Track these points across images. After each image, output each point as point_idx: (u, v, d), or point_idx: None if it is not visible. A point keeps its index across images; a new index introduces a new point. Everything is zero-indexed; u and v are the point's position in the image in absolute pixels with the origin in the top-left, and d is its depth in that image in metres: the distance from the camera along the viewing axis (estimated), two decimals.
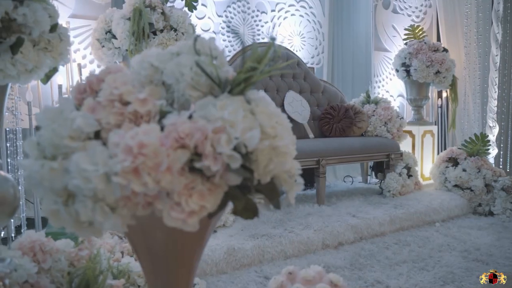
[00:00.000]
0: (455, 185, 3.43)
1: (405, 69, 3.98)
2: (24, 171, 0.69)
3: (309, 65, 4.03)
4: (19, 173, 2.29)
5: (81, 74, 2.74)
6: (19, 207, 1.28)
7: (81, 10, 2.96)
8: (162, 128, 0.66)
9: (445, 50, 3.99)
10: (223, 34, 3.68)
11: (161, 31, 2.54)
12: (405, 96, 4.43)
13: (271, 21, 3.95)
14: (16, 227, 2.26)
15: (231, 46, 3.73)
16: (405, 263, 2.21)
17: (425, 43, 3.94)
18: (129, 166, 0.61)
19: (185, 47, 0.77)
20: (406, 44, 4.10)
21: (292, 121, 3.25)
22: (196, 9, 2.87)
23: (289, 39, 4.04)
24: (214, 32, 3.62)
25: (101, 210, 0.63)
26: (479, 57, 4.56)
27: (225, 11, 3.70)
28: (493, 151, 4.33)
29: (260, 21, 3.89)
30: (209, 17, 3.62)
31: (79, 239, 1.40)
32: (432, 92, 4.63)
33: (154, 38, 2.50)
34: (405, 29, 4.27)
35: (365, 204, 3.03)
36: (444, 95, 4.65)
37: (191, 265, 0.83)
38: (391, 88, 4.79)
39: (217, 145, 0.64)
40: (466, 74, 4.56)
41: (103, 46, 2.64)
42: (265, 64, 0.73)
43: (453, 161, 3.56)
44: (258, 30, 3.87)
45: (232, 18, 3.73)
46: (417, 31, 4.16)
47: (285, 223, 2.50)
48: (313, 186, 3.41)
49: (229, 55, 3.70)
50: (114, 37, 2.59)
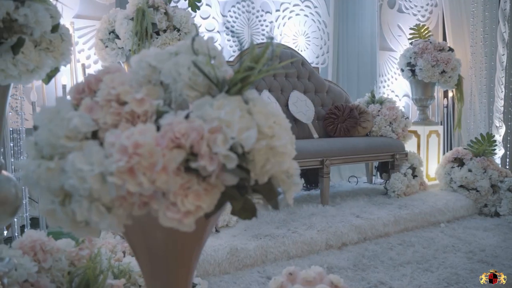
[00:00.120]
0: (461, 186, 3.40)
1: (410, 68, 3.95)
2: (21, 171, 0.70)
3: (314, 65, 4.02)
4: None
5: (85, 75, 2.75)
6: (21, 206, 1.29)
7: (86, 10, 2.97)
8: (159, 128, 0.66)
9: (450, 49, 3.96)
10: (227, 34, 3.68)
11: (164, 31, 2.54)
12: (410, 96, 4.40)
13: (275, 21, 3.94)
14: (21, 226, 2.28)
15: (235, 46, 3.73)
16: (409, 264, 2.20)
17: (430, 42, 3.91)
18: (124, 166, 0.61)
19: (183, 46, 0.77)
20: (411, 43, 4.07)
21: (296, 121, 3.31)
22: (199, 9, 2.87)
23: (293, 39, 4.04)
24: (218, 32, 3.62)
25: (97, 210, 0.63)
26: (485, 57, 4.51)
27: (229, 11, 3.70)
28: (500, 151, 4.28)
29: (264, 21, 3.88)
30: (213, 17, 3.62)
31: (80, 238, 1.41)
32: (438, 92, 4.60)
33: (157, 38, 2.50)
34: (411, 28, 4.25)
35: (369, 204, 3.01)
36: (450, 94, 4.61)
37: (190, 265, 0.83)
38: (396, 88, 4.76)
39: (213, 145, 0.64)
40: (472, 74, 4.52)
41: (106, 46, 2.65)
42: (263, 64, 0.72)
43: (459, 161, 3.53)
44: (263, 30, 3.86)
45: (236, 18, 3.73)
46: (422, 30, 4.14)
47: (288, 223, 2.49)
48: (317, 186, 3.40)
49: (233, 55, 3.71)
50: (118, 37, 2.59)
